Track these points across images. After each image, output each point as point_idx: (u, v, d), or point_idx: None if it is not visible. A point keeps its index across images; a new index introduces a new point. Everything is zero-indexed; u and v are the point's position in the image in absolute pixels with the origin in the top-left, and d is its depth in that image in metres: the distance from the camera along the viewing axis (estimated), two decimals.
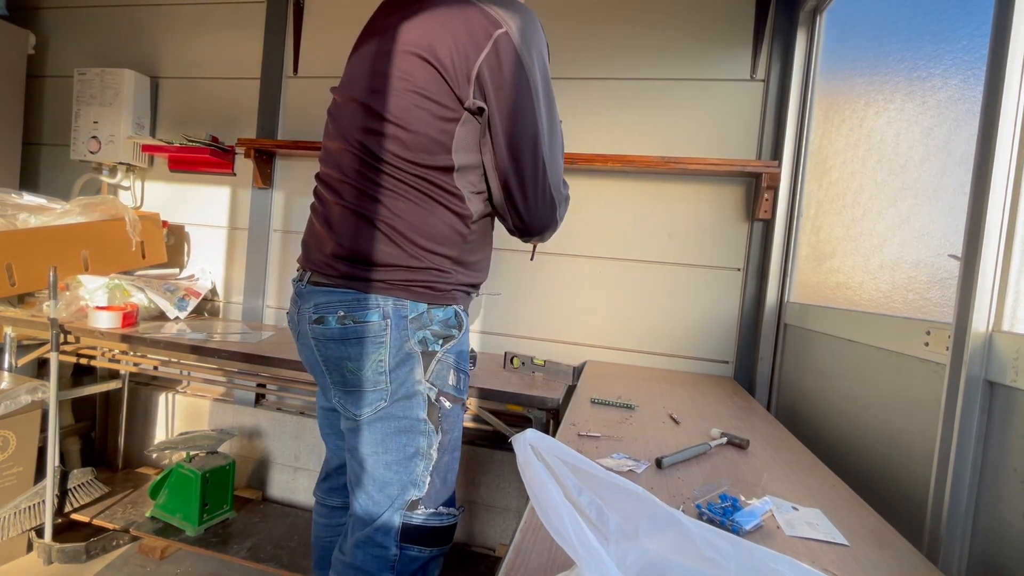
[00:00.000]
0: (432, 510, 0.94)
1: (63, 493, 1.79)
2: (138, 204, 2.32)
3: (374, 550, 0.92)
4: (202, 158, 2.11)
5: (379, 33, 0.94)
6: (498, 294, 1.95)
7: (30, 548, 1.70)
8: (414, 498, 0.92)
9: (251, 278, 2.16)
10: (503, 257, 1.94)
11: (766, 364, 1.68)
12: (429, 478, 0.93)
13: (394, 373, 0.91)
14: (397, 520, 0.92)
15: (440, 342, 0.94)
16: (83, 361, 1.84)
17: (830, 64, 1.57)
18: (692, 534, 0.45)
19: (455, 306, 0.97)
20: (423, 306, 0.92)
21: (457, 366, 0.97)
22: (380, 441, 0.91)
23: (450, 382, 0.95)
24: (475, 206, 0.95)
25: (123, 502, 1.92)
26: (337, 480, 1.16)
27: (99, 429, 2.27)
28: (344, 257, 0.92)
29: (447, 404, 0.95)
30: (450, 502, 0.99)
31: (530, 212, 0.96)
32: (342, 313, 0.91)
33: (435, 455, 0.93)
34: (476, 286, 1.04)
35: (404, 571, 0.93)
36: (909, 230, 1.09)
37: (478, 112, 0.89)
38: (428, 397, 0.92)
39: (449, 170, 0.91)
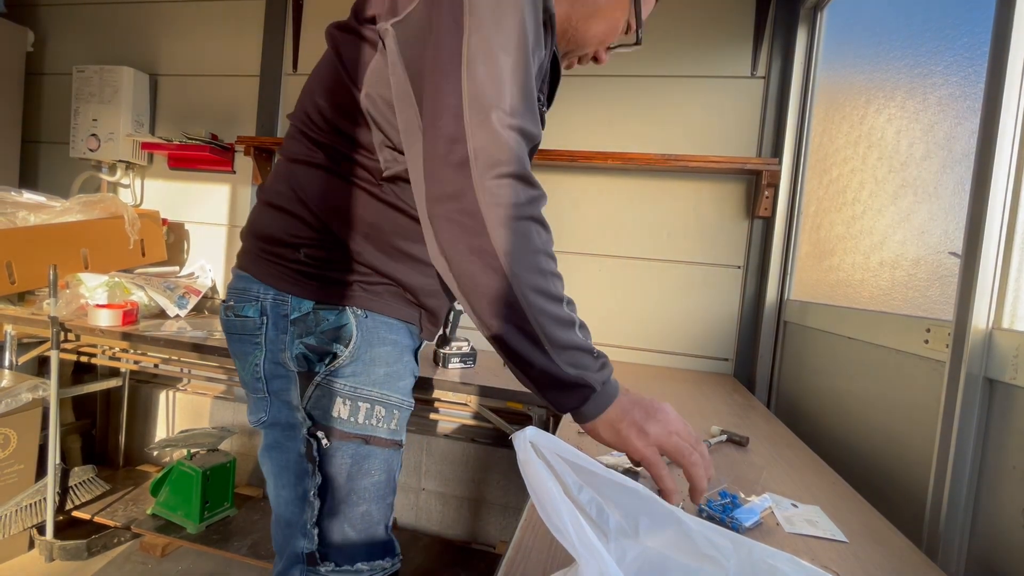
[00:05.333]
0: (346, 567, 0.75)
1: (64, 491, 1.80)
2: (138, 202, 2.31)
3: None
4: (201, 156, 2.11)
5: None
6: None
7: (31, 545, 1.70)
8: (304, 551, 0.74)
9: None
10: None
11: (766, 362, 1.68)
12: (317, 530, 0.74)
13: (271, 384, 0.74)
14: (297, 573, 0.75)
15: (324, 361, 0.72)
16: (83, 359, 1.84)
17: (831, 61, 1.57)
18: (692, 531, 0.45)
19: (351, 308, 0.73)
20: (308, 304, 0.72)
21: (350, 393, 0.73)
22: (276, 473, 0.76)
23: (335, 414, 0.73)
24: (386, 155, 0.71)
25: (124, 500, 1.92)
26: None
27: (100, 427, 2.28)
28: (245, 234, 0.80)
29: (325, 442, 0.73)
30: (378, 553, 0.79)
31: (427, 159, 0.58)
32: (232, 303, 0.77)
33: (316, 503, 0.74)
34: (389, 282, 0.76)
35: None
36: (909, 227, 1.09)
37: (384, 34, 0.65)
38: (306, 435, 0.73)
39: (352, 108, 0.70)
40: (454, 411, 1.70)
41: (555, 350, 0.59)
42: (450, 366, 1.54)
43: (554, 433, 0.83)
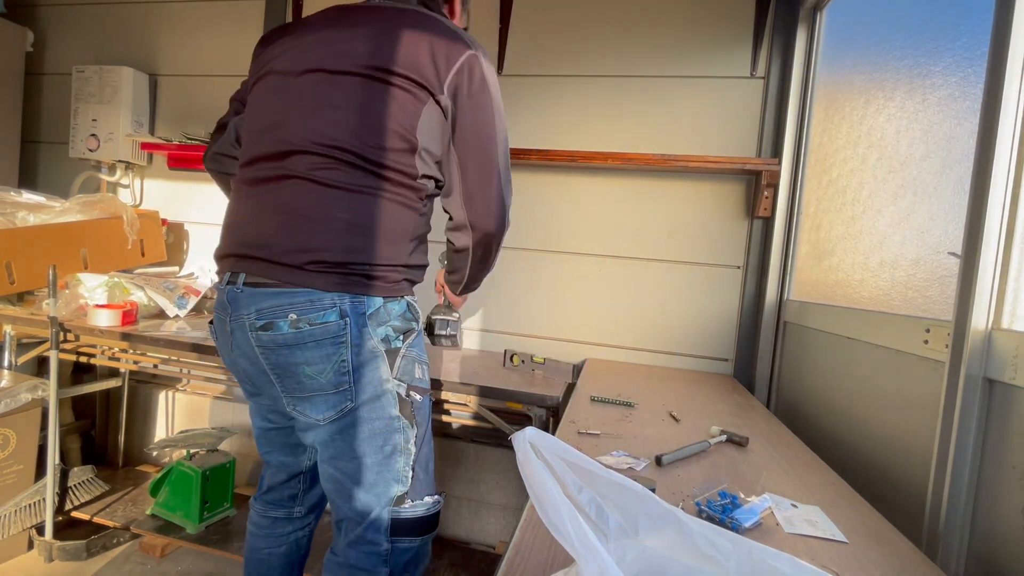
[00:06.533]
0: (418, 501, 0.96)
1: (63, 491, 1.80)
2: (137, 202, 2.31)
3: (366, 547, 0.94)
4: (201, 156, 2.10)
5: (344, 42, 0.93)
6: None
7: (31, 546, 1.70)
8: (399, 493, 0.94)
9: None
10: (503, 255, 1.94)
11: (765, 362, 1.68)
12: (412, 472, 0.95)
13: (358, 373, 0.90)
14: (386, 516, 0.94)
15: (401, 338, 0.94)
16: (83, 359, 1.84)
17: (830, 61, 1.57)
18: (691, 532, 0.45)
19: (407, 297, 0.98)
20: (379, 300, 0.92)
21: (420, 359, 0.98)
22: (357, 447, 0.91)
23: (417, 375, 0.97)
24: (429, 185, 0.97)
25: (123, 500, 1.92)
26: (281, 492, 1.14)
27: (99, 427, 2.28)
28: (292, 254, 0.87)
29: (418, 397, 0.96)
30: (433, 487, 1.02)
31: (480, 210, 0.99)
32: (295, 316, 0.86)
33: (413, 449, 0.95)
34: (421, 271, 1.03)
35: (397, 563, 0.96)
36: (909, 228, 1.09)
37: (444, 108, 0.93)
38: (398, 394, 0.93)
39: (411, 151, 0.92)
40: (454, 411, 1.70)
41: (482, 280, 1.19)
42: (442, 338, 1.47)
43: (553, 434, 0.83)
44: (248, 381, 0.98)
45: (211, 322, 1.01)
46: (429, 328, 1.52)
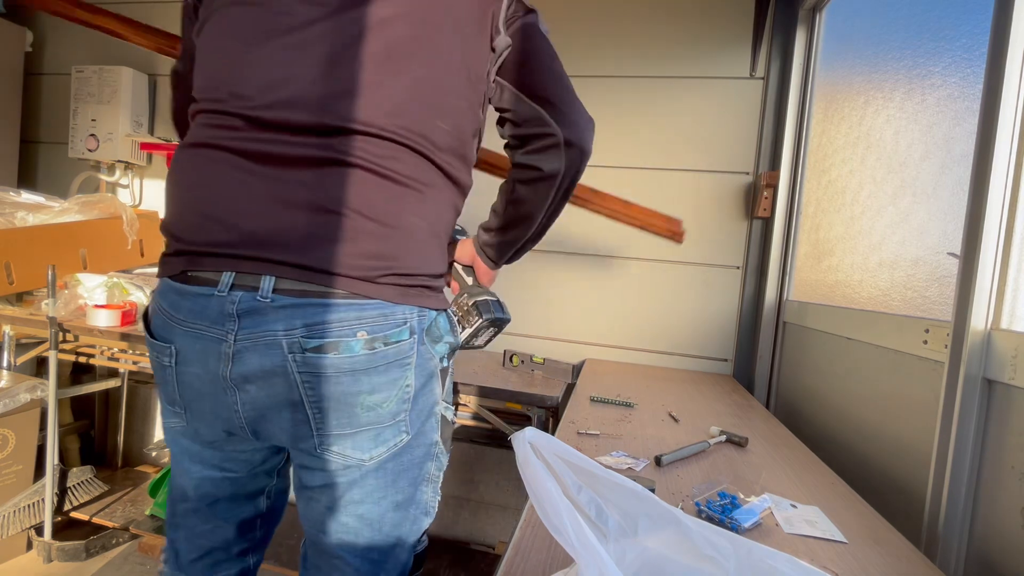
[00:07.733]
0: (431, 519, 0.86)
1: (62, 491, 1.79)
2: (137, 202, 2.31)
3: None
4: None
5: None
6: None
7: (30, 546, 1.70)
8: (427, 526, 0.81)
9: None
10: None
11: (765, 362, 1.68)
12: (438, 499, 0.82)
13: (419, 397, 0.75)
14: (410, 561, 0.81)
15: (448, 355, 0.83)
16: (82, 359, 1.84)
17: (830, 62, 1.57)
18: (691, 532, 0.45)
19: (447, 308, 0.83)
20: (434, 313, 0.77)
21: (453, 373, 0.90)
22: (391, 483, 0.73)
23: (452, 392, 0.88)
24: (469, 175, 0.83)
25: (122, 500, 1.92)
26: (226, 552, 0.84)
27: (98, 427, 2.27)
28: (356, 260, 0.67)
29: (454, 420, 0.90)
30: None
31: (570, 119, 0.77)
32: (366, 334, 0.67)
33: (440, 476, 0.83)
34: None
35: None
36: (908, 228, 1.09)
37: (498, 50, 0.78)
38: (443, 416, 0.81)
39: (477, 132, 0.80)
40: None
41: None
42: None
43: (553, 434, 0.83)
44: (257, 416, 0.69)
45: (152, 336, 0.72)
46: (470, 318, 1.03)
